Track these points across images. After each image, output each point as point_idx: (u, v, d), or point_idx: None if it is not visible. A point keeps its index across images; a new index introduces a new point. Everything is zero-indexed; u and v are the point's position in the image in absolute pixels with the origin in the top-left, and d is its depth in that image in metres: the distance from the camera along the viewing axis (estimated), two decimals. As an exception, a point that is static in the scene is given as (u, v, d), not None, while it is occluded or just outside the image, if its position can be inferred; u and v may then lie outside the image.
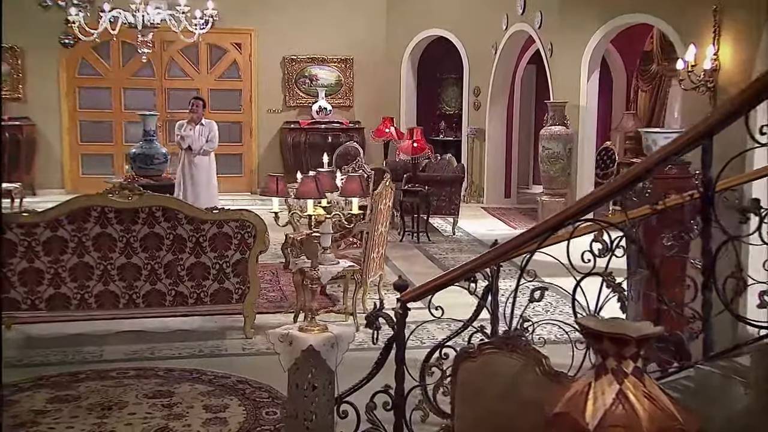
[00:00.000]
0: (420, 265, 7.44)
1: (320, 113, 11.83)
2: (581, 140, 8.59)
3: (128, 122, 11.73)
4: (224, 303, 5.02)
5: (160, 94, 11.72)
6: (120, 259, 4.76)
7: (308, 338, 2.98)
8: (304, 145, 11.72)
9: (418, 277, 6.95)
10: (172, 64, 11.67)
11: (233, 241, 4.92)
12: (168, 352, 4.73)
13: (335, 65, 12.23)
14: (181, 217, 4.81)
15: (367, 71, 12.13)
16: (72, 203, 4.70)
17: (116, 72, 11.58)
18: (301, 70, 12.10)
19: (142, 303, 4.84)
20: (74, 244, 4.67)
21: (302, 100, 12.10)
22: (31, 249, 4.61)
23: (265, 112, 12.02)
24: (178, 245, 4.83)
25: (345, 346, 3.06)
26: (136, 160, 7.44)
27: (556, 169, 8.60)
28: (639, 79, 10.25)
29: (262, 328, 5.12)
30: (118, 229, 4.72)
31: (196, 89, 11.84)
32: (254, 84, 11.94)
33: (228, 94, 11.92)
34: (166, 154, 7.62)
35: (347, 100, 12.31)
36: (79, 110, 11.57)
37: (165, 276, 4.84)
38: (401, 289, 3.12)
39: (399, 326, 3.08)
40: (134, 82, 11.68)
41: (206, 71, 11.84)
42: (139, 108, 11.61)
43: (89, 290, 4.74)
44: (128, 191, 4.73)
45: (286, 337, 3.02)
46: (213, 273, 4.93)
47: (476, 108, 11.30)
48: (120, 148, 11.71)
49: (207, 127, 7.99)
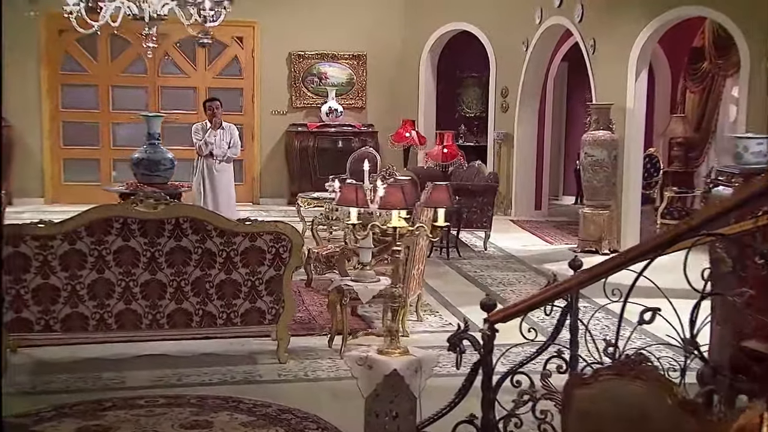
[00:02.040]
0: (455, 283, 7.49)
1: (330, 115, 11.90)
2: (627, 146, 8.66)
3: (117, 124, 11.80)
4: (256, 324, 5.03)
5: (152, 93, 11.77)
6: (143, 275, 4.77)
7: (391, 362, 3.01)
8: (312, 151, 11.78)
9: (455, 296, 7.02)
10: (166, 60, 11.72)
11: (267, 255, 4.95)
12: (196, 379, 4.74)
13: (347, 62, 12.31)
14: (211, 230, 4.84)
15: (382, 69, 12.22)
16: (91, 213, 4.71)
17: (104, 68, 11.63)
18: (308, 68, 12.17)
19: (166, 324, 4.85)
20: (93, 258, 4.69)
21: (310, 100, 12.17)
22: (47, 264, 4.62)
23: (269, 113, 12.08)
24: (207, 260, 4.85)
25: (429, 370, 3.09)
26: (140, 166, 7.48)
27: (600, 179, 8.66)
28: (687, 79, 10.35)
29: (293, 352, 5.15)
30: (142, 242, 4.74)
31: (193, 88, 11.92)
32: (257, 82, 12.01)
33: (228, 94, 11.89)
34: (173, 159, 7.66)
35: (359, 100, 12.39)
36: (61, 110, 11.61)
37: (192, 294, 4.86)
38: (489, 309, 3.16)
39: (486, 350, 3.11)
40: (124, 79, 11.74)
41: (204, 68, 11.91)
42: (128, 108, 11.71)
43: (109, 309, 4.75)
44: (153, 200, 4.74)
45: (366, 361, 3.05)
46: (244, 291, 4.94)
47: (504, 110, 11.38)
48: (107, 153, 11.78)
49: (228, 131, 8.04)
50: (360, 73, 12.33)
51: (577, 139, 13.00)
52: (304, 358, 5.16)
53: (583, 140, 8.87)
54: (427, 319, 6.23)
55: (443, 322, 6.19)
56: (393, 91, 12.26)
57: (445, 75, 12.88)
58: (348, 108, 12.20)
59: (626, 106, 8.59)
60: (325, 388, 4.70)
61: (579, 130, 13.00)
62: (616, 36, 8.70)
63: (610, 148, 8.60)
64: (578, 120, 13.08)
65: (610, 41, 8.83)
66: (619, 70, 8.59)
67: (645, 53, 8.50)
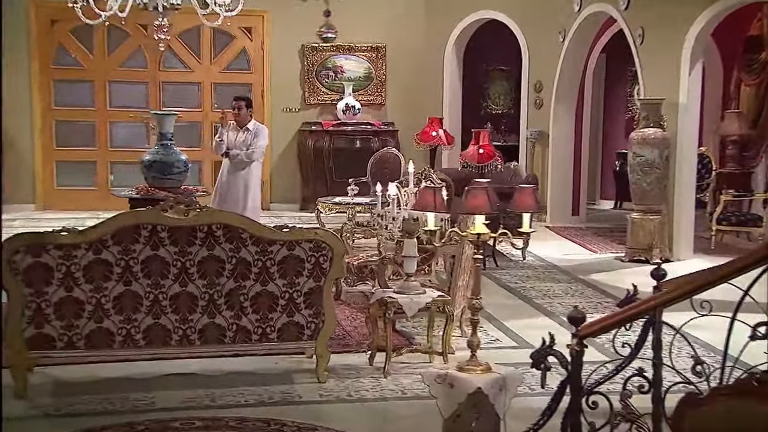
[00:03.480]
0: (496, 295, 7.50)
1: (347, 113, 11.94)
2: (680, 145, 8.68)
3: (115, 123, 11.85)
4: (294, 340, 5.04)
5: (153, 89, 11.82)
6: (173, 287, 4.78)
7: (474, 379, 3.03)
8: (327, 151, 11.81)
9: (498, 310, 7.03)
10: (168, 53, 11.75)
11: (306, 265, 4.96)
12: (231, 399, 4.75)
13: (364, 55, 12.35)
14: (246, 237, 4.85)
15: (403, 62, 12.27)
16: (118, 220, 4.73)
17: (100, 62, 11.68)
18: (323, 61, 12.22)
19: (197, 340, 4.86)
20: (120, 269, 4.69)
21: (325, 96, 12.22)
22: (70, 275, 4.63)
23: (280, 111, 12.12)
24: (242, 270, 4.86)
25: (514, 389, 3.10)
26: (151, 169, 7.50)
27: (650, 181, 8.68)
28: (742, 71, 10.36)
29: (332, 371, 5.16)
30: (172, 251, 4.75)
31: (197, 83, 11.97)
32: (267, 77, 12.06)
33: (235, 90, 11.88)
34: (187, 161, 7.69)
35: (378, 96, 12.43)
36: (54, 108, 11.65)
37: (226, 307, 4.86)
38: (578, 322, 3.17)
39: (574, 367, 3.13)
40: (122, 74, 11.79)
41: (209, 61, 11.96)
42: (127, 106, 11.78)
43: (136, 324, 4.76)
44: (184, 206, 4.76)
45: (446, 378, 3.06)
46: (281, 304, 4.95)
47: (538, 106, 11.41)
48: (105, 155, 11.83)
49: (252, 132, 8.03)
50: (379, 67, 12.37)
51: (616, 138, 13.10)
52: (345, 377, 5.16)
53: (631, 139, 8.88)
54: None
55: (489, 338, 6.21)
56: (415, 87, 12.29)
57: (470, 68, 12.92)
58: (366, 105, 12.24)
59: (678, 101, 8.61)
60: (372, 410, 4.70)
61: (618, 128, 13.09)
62: (668, 24, 8.72)
63: (661, 147, 8.62)
64: (617, 117, 13.13)
65: (660, 30, 8.85)
66: (671, 62, 8.61)
67: (700, 43, 8.52)
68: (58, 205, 11.50)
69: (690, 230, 8.90)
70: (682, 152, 8.68)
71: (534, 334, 6.20)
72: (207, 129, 11.87)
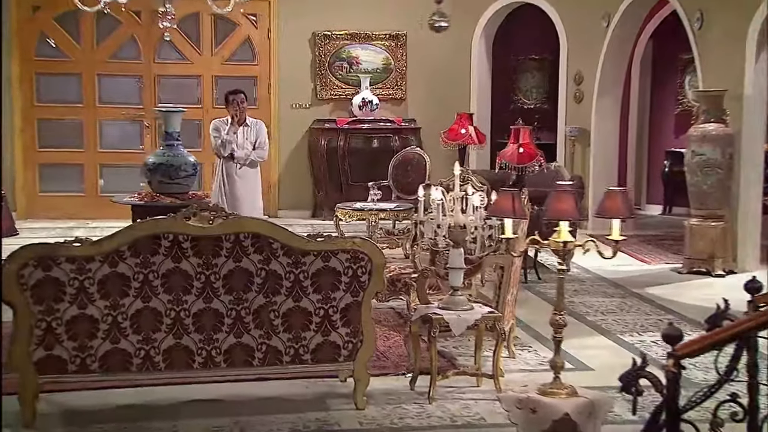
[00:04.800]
0: (542, 311, 7.44)
1: (363, 108, 11.96)
2: (745, 142, 8.68)
3: (105, 121, 11.90)
4: (329, 361, 5.03)
5: (147, 83, 11.87)
6: (197, 303, 4.78)
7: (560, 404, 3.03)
8: (341, 152, 11.83)
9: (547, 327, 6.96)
10: (164, 43, 11.77)
11: (342, 278, 4.96)
12: (261, 428, 4.75)
13: (383, 44, 12.39)
14: (277, 248, 4.85)
15: (425, 52, 12.30)
16: (136, 230, 4.73)
17: (88, 52, 11.74)
18: (337, 51, 12.25)
19: (223, 362, 4.86)
20: (138, 283, 4.70)
21: (339, 91, 12.26)
22: (84, 290, 4.63)
23: (289, 107, 12.14)
24: (272, 285, 4.86)
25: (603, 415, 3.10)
26: (156, 173, 7.50)
27: (711, 183, 8.68)
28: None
29: (369, 395, 5.15)
30: (195, 263, 4.75)
31: (197, 76, 12.00)
32: (274, 70, 12.09)
33: (239, 83, 11.94)
34: (195, 164, 7.70)
35: (399, 90, 12.47)
36: (36, 105, 11.69)
37: (254, 326, 4.87)
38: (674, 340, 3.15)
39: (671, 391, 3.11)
40: (113, 66, 11.85)
41: (210, 52, 12.01)
42: (118, 102, 11.82)
43: (156, 345, 4.76)
44: (209, 213, 4.77)
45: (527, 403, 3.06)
46: (316, 321, 4.95)
47: (578, 100, 11.44)
48: (93, 157, 11.88)
49: (253, 128, 8.10)
50: (399, 57, 12.40)
51: (664, 135, 13.10)
52: (385, 403, 5.16)
53: (689, 135, 8.89)
54: (520, 356, 6.24)
55: (540, 359, 6.20)
56: (439, 79, 12.33)
57: (499, 58, 12.94)
58: (385, 99, 12.27)
59: (743, 92, 8.61)
60: (421, 440, 4.71)
61: (666, 124, 13.09)
62: (731, 7, 8.74)
63: (724, 144, 8.62)
64: (666, 111, 13.12)
65: (722, 13, 8.86)
66: (734, 49, 8.62)
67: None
68: (41, 213, 11.53)
69: (756, 237, 8.89)
70: (747, 150, 8.68)
71: (590, 354, 6.23)
72: (208, 127, 11.83)
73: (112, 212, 10.73)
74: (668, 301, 7.81)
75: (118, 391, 5.00)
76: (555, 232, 5.62)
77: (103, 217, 11.04)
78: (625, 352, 6.36)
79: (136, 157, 11.66)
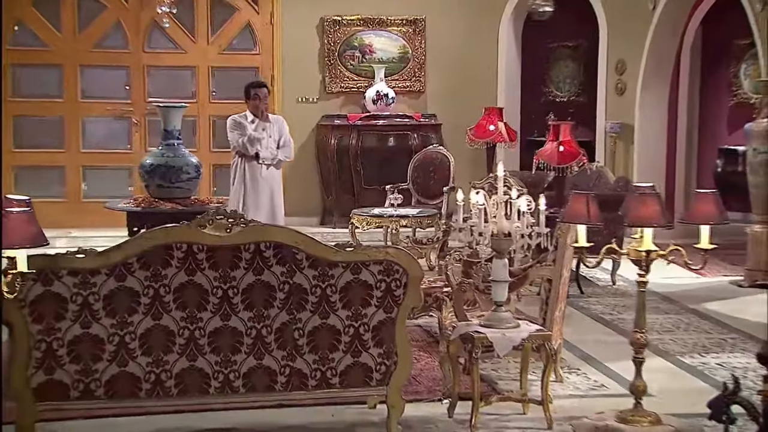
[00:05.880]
0: (589, 330, 7.52)
1: (378, 103, 11.99)
2: (812, 138, 8.69)
3: (88, 118, 11.94)
4: (360, 386, 5.03)
5: (136, 75, 11.91)
6: (213, 320, 4.79)
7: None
8: (353, 152, 11.85)
9: (596, 347, 7.03)
10: (154, 30, 11.84)
11: (374, 293, 4.97)
12: (286, 462, 4.79)
13: (399, 30, 12.42)
14: (301, 258, 4.86)
15: (447, 39, 12.33)
16: (145, 239, 4.73)
17: (70, 42, 11.78)
18: (348, 38, 12.29)
19: (242, 387, 4.86)
20: (148, 299, 4.70)
21: (350, 83, 12.31)
22: (88, 307, 4.64)
23: (294, 101, 12.16)
24: (297, 300, 4.86)
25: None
26: (154, 175, 7.54)
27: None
28: None
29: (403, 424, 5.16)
30: (212, 276, 4.76)
31: (191, 67, 12.04)
32: (277, 59, 12.14)
33: (238, 75, 12.02)
34: (198, 165, 7.73)
35: (417, 82, 12.51)
36: (11, 100, 11.72)
37: (277, 346, 4.87)
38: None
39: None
40: (97, 56, 11.90)
41: (206, 40, 12.05)
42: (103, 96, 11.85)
43: (168, 368, 4.77)
44: (226, 220, 4.79)
45: (605, 430, 3.07)
46: (345, 341, 4.95)
47: (619, 92, 11.44)
48: (75, 158, 11.92)
49: (276, 125, 8.14)
50: (418, 45, 12.42)
51: (716, 131, 13.09)
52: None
53: (749, 131, 8.91)
54: (568, 379, 6.25)
55: (591, 383, 6.21)
56: (462, 69, 12.35)
57: (528, 45, 12.96)
58: (402, 92, 12.30)
59: (811, 82, 8.64)
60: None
61: (719, 119, 13.08)
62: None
63: (789, 141, 8.64)
64: (718, 104, 13.11)
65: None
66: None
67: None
68: (17, 222, 11.50)
69: (825, 246, 8.89)
70: (814, 147, 8.70)
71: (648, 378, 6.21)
72: (204, 124, 11.94)
73: (97, 220, 10.83)
74: (730, 317, 7.82)
75: (126, 420, 5.03)
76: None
77: (87, 225, 11.10)
78: (686, 375, 6.37)
79: (123, 158, 11.78)
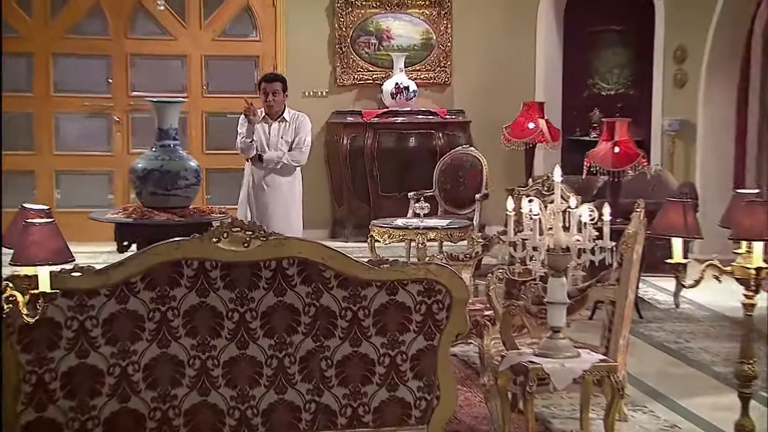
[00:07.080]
0: (652, 360, 7.55)
1: (397, 97, 12.00)
2: None
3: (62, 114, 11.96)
4: (396, 424, 5.01)
5: (117, 65, 11.96)
6: (228, 348, 4.78)
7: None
8: (369, 154, 11.85)
9: (662, 381, 7.07)
10: (139, 14, 11.88)
11: (413, 316, 4.96)
12: None
13: (422, 13, 12.48)
14: (329, 277, 4.85)
15: (477, 24, 12.38)
16: (150, 256, 4.72)
17: (42, 28, 11.83)
18: (362, 23, 12.35)
19: (261, 425, 4.85)
20: (154, 324, 4.70)
21: (365, 74, 12.37)
22: (85, 333, 4.63)
23: (301, 95, 12.13)
24: (324, 324, 4.86)
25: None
26: (147, 181, 7.50)
27: None
28: None
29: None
30: (227, 297, 4.75)
31: (182, 56, 12.07)
32: (281, 47, 12.19)
33: (235, 66, 12.10)
34: (198, 169, 7.72)
35: (442, 73, 12.57)
36: (-26, 95, 11.76)
37: (301, 378, 4.86)
38: None
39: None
40: (72, 43, 11.95)
41: (199, 25, 12.09)
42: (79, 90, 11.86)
43: (176, 404, 4.75)
44: (244, 233, 4.77)
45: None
46: (380, 372, 4.95)
47: (679, 84, 11.46)
48: (47, 161, 11.98)
49: (292, 124, 8.13)
50: (443, 31, 12.48)
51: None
52: (467, 481, 5.17)
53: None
54: (633, 418, 6.24)
55: (662, 424, 6.22)
56: (494, 58, 12.40)
57: (569, 30, 12.97)
58: (424, 85, 12.36)
59: None
60: None
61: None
62: None
63: None
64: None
65: None
66: None
67: None
68: (-18, 234, 11.53)
69: None
70: None
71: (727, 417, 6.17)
72: (196, 122, 11.98)
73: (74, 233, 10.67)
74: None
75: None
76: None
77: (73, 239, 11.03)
78: (769, 411, 6.35)
79: (103, 162, 11.80)
